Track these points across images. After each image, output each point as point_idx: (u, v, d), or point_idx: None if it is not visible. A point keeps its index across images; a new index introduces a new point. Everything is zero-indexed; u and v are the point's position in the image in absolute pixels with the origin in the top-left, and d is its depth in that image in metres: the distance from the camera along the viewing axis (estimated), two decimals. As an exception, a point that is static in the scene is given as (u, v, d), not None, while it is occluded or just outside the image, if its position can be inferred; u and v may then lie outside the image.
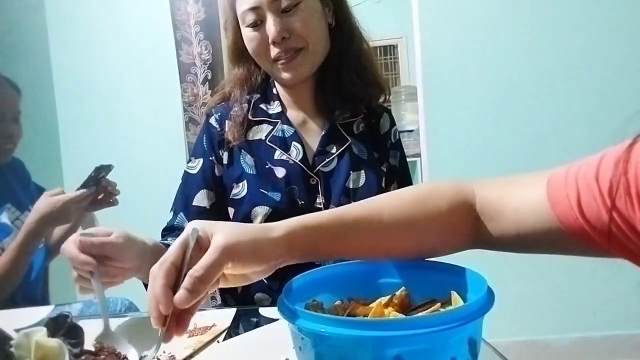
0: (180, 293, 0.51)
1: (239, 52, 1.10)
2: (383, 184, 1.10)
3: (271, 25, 0.99)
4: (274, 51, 1.02)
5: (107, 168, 1.30)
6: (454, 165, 2.15)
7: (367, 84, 1.11)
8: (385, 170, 1.12)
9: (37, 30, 2.48)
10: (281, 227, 0.58)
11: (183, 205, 1.08)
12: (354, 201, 1.03)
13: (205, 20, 2.18)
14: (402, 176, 1.16)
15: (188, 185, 1.09)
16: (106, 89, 2.48)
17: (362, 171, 1.07)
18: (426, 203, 0.61)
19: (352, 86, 1.09)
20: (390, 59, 6.12)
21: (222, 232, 0.55)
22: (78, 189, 1.27)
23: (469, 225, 0.61)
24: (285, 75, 1.04)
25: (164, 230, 1.08)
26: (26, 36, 2.43)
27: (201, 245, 0.56)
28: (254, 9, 0.99)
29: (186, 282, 0.51)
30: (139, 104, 2.46)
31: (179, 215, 1.07)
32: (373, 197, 0.64)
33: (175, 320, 0.54)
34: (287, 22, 1.00)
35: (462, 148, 2.14)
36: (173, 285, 0.53)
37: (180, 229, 1.05)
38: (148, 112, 2.42)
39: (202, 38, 2.19)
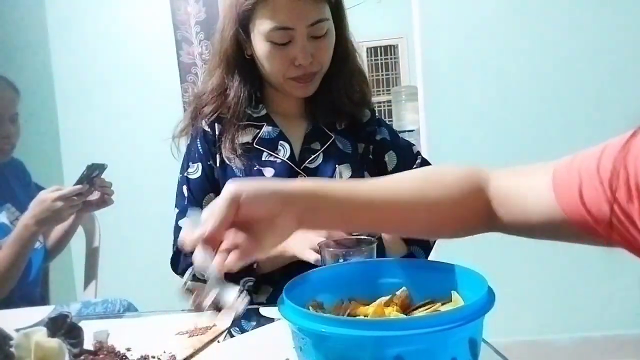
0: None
1: (234, 61, 1.08)
2: (367, 176, 1.11)
3: (303, 49, 1.00)
4: (294, 71, 1.03)
5: (101, 167, 1.28)
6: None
7: (355, 103, 1.14)
8: (372, 157, 1.14)
9: (37, 30, 2.48)
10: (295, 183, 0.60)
11: (199, 208, 1.07)
12: None
13: (205, 20, 2.19)
14: (397, 145, 1.17)
15: (194, 190, 1.09)
16: (106, 88, 2.48)
17: (348, 164, 1.09)
18: (438, 182, 0.62)
19: (341, 105, 1.12)
20: (391, 59, 6.12)
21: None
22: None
23: (480, 208, 0.61)
24: (297, 92, 1.08)
25: None
26: (26, 36, 2.43)
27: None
28: (287, 29, 0.98)
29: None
30: (139, 104, 2.46)
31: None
32: (381, 177, 0.65)
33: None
34: (315, 48, 1.02)
35: (462, 148, 2.14)
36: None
37: None
38: (148, 112, 2.42)
39: (202, 38, 2.20)
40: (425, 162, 1.18)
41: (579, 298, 2.15)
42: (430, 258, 1.12)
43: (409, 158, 1.16)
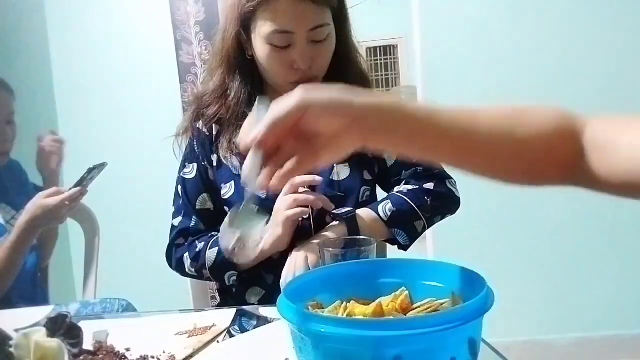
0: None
1: (235, 61, 1.09)
2: (368, 176, 1.11)
3: (302, 54, 1.00)
4: (294, 75, 1.03)
5: (101, 167, 1.27)
6: (454, 165, 2.17)
7: None
8: (371, 155, 1.13)
9: (37, 30, 2.48)
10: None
11: (191, 209, 1.09)
12: (339, 193, 1.04)
13: (205, 20, 2.18)
14: None
15: (188, 191, 1.10)
16: (106, 89, 2.48)
17: (346, 163, 1.09)
18: (527, 117, 0.56)
19: None
20: (390, 59, 6.13)
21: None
22: (70, 189, 1.26)
23: (571, 154, 0.55)
24: None
25: (179, 233, 1.09)
26: (26, 36, 2.43)
27: None
28: (287, 32, 0.98)
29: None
30: (139, 104, 2.46)
31: (193, 219, 1.09)
32: (466, 107, 0.59)
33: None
34: (315, 52, 1.01)
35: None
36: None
37: (199, 231, 1.08)
38: (148, 112, 2.42)
39: (202, 38, 2.19)
40: None
41: (579, 298, 2.15)
42: (430, 258, 1.12)
43: None
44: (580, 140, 0.56)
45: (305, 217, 1.00)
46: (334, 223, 1.02)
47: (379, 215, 1.03)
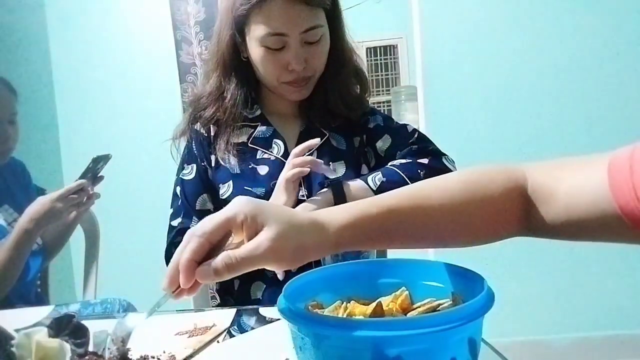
0: (206, 270, 0.50)
1: (231, 64, 1.09)
2: (365, 170, 1.12)
3: (296, 55, 1.01)
4: (288, 76, 1.04)
5: (105, 158, 1.27)
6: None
7: (350, 107, 1.14)
8: (367, 149, 1.15)
9: (37, 30, 2.48)
10: (332, 227, 0.54)
11: (191, 209, 1.09)
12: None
13: (205, 20, 2.18)
14: (390, 128, 1.16)
15: (188, 192, 1.10)
16: (106, 89, 2.48)
17: (342, 161, 1.10)
18: (476, 189, 0.58)
19: (335, 107, 1.13)
20: (390, 59, 6.12)
21: (274, 229, 0.51)
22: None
23: (520, 210, 0.58)
24: (292, 96, 1.09)
25: (179, 232, 1.08)
26: (26, 36, 2.43)
27: (247, 226, 0.52)
28: (281, 35, 0.99)
29: (218, 263, 0.50)
30: (139, 104, 2.47)
31: (193, 219, 1.08)
32: (420, 185, 0.61)
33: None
34: (309, 53, 1.02)
35: (462, 148, 2.13)
36: (200, 260, 0.52)
37: None
38: (148, 112, 2.42)
39: (202, 38, 2.20)
40: (422, 138, 1.15)
41: (579, 298, 2.15)
42: (430, 258, 1.12)
43: (403, 137, 1.14)
44: (526, 195, 0.58)
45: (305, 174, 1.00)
46: (322, 190, 1.02)
47: (367, 184, 1.02)
